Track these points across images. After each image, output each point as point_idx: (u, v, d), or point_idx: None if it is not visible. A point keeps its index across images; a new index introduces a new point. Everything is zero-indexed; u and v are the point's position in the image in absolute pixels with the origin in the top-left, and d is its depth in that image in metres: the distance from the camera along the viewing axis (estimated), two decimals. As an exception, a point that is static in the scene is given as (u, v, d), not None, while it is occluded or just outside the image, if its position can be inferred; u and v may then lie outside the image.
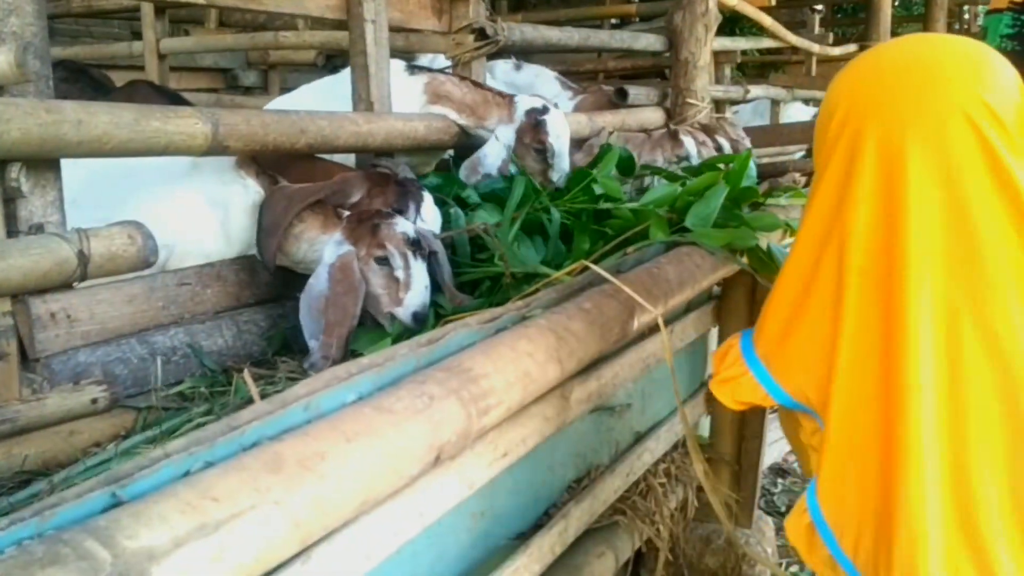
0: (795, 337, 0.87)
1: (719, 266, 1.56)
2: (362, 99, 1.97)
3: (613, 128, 2.80)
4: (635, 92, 3.45)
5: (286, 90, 3.55)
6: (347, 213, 1.55)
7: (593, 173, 1.98)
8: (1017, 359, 0.77)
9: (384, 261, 1.50)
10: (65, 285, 1.27)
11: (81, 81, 2.16)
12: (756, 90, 4.88)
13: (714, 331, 1.91)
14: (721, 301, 1.88)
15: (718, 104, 4.36)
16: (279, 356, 1.56)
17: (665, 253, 1.50)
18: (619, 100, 3.36)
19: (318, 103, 1.92)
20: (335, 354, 1.40)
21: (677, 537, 1.66)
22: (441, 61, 2.63)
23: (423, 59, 3.31)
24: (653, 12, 5.07)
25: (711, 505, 1.25)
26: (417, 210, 1.62)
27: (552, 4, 8.78)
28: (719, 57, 4.78)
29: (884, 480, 0.79)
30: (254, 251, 1.64)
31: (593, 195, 1.89)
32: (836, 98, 0.85)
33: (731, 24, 5.56)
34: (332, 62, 4.36)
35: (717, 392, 0.98)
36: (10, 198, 1.27)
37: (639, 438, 1.62)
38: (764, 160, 3.46)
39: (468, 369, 0.86)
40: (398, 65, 2.13)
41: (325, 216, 1.56)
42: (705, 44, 3.57)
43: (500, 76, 3.41)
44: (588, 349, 1.07)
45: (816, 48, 6.14)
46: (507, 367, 0.91)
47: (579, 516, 1.29)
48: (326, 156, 1.99)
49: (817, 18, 7.62)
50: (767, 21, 4.99)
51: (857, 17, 9.34)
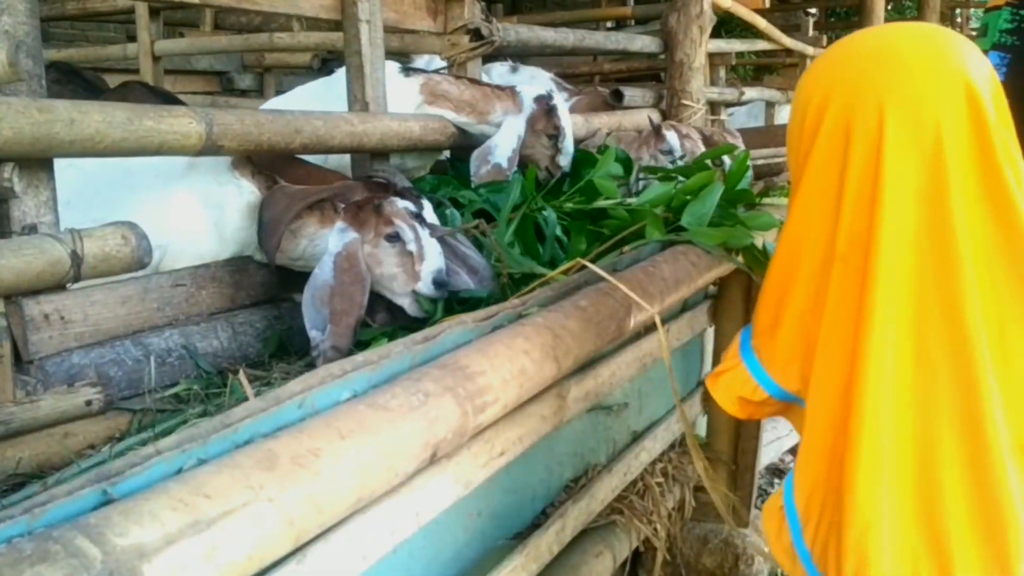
0: (783, 327, 0.87)
1: (715, 265, 1.55)
2: (357, 99, 1.97)
3: (609, 129, 2.80)
4: (631, 93, 3.45)
5: (282, 93, 3.55)
6: (343, 205, 1.54)
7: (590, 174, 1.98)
8: (977, 353, 0.75)
9: (395, 237, 1.49)
10: (59, 286, 1.26)
11: (74, 83, 2.15)
12: (751, 92, 4.90)
13: (710, 330, 1.91)
14: (717, 300, 1.88)
15: (713, 106, 4.37)
16: (275, 358, 1.55)
17: (661, 252, 1.50)
18: (615, 101, 3.36)
19: (312, 104, 1.92)
20: (344, 344, 1.39)
21: (675, 537, 1.65)
22: (439, 63, 2.63)
23: (420, 61, 3.31)
24: (648, 15, 5.09)
25: (708, 505, 1.24)
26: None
27: (548, 7, 8.81)
28: (714, 59, 4.79)
29: (837, 470, 0.79)
30: (250, 252, 1.64)
31: (589, 195, 1.89)
32: (810, 89, 0.83)
33: (723, 27, 5.57)
34: (328, 65, 4.35)
35: (712, 388, 0.97)
36: (3, 198, 1.26)
37: (636, 437, 1.61)
38: (759, 161, 3.47)
39: (464, 366, 0.86)
40: (392, 67, 2.12)
41: (323, 212, 1.56)
42: (700, 46, 3.58)
43: (496, 78, 3.42)
44: (584, 347, 1.06)
45: (810, 50, 6.16)
46: (503, 365, 0.90)
47: (576, 516, 1.28)
48: (316, 161, 1.99)
49: (811, 21, 7.65)
50: (761, 24, 5.01)
51: (850, 20, 9.36)
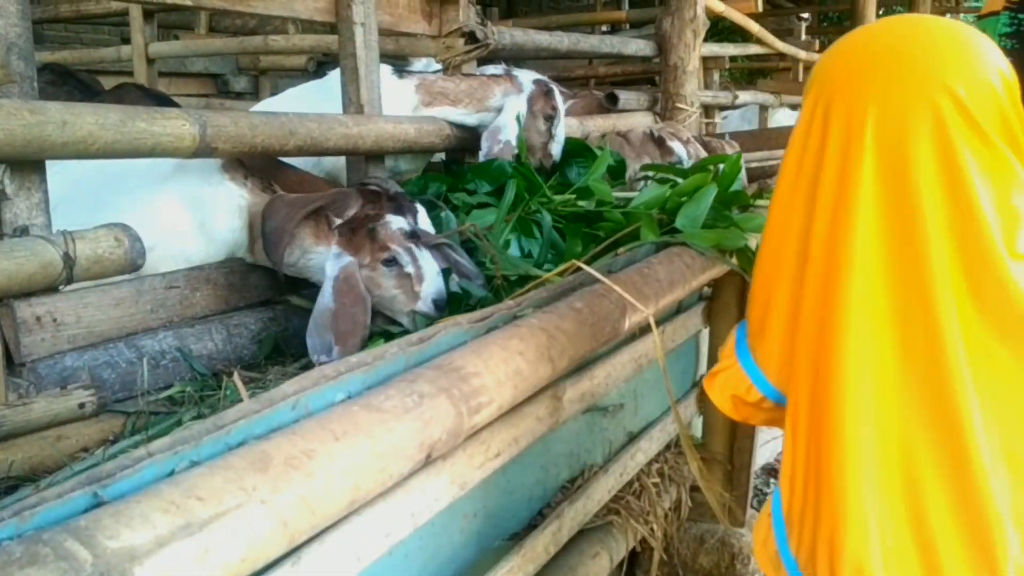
0: (771, 327, 0.85)
1: (709, 266, 1.56)
2: (352, 102, 1.96)
3: (601, 132, 2.81)
4: (625, 97, 3.46)
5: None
6: (338, 222, 1.54)
7: (584, 177, 1.98)
8: (951, 356, 0.73)
9: (392, 262, 1.50)
10: (51, 288, 1.26)
11: (69, 84, 2.14)
12: (744, 95, 4.92)
13: (705, 331, 1.91)
14: (712, 302, 1.88)
15: (707, 109, 4.38)
16: (270, 360, 1.55)
17: (656, 254, 1.50)
18: (609, 104, 3.37)
19: (304, 106, 1.91)
20: None
21: (671, 537, 1.65)
22: (437, 66, 2.63)
23: (419, 64, 3.30)
24: (643, 19, 5.10)
25: (705, 505, 1.24)
26: (412, 223, 1.62)
27: (543, 10, 8.83)
28: (708, 63, 4.81)
29: (818, 475, 0.77)
30: (241, 254, 1.63)
31: (584, 198, 1.90)
32: (811, 77, 0.82)
33: (717, 31, 5.59)
34: (323, 68, 4.34)
35: (708, 388, 0.96)
36: (-5, 200, 1.26)
37: (632, 438, 1.61)
38: (753, 164, 3.49)
39: (459, 368, 0.86)
40: (385, 70, 2.12)
41: (317, 223, 1.56)
42: (694, 50, 3.60)
43: (491, 81, 3.41)
44: (579, 348, 1.06)
45: (802, 54, 6.20)
46: (498, 366, 0.90)
47: (573, 516, 1.28)
48: (312, 163, 1.99)
49: (803, 26, 7.69)
50: (754, 28, 5.03)
51: (842, 25, 9.43)
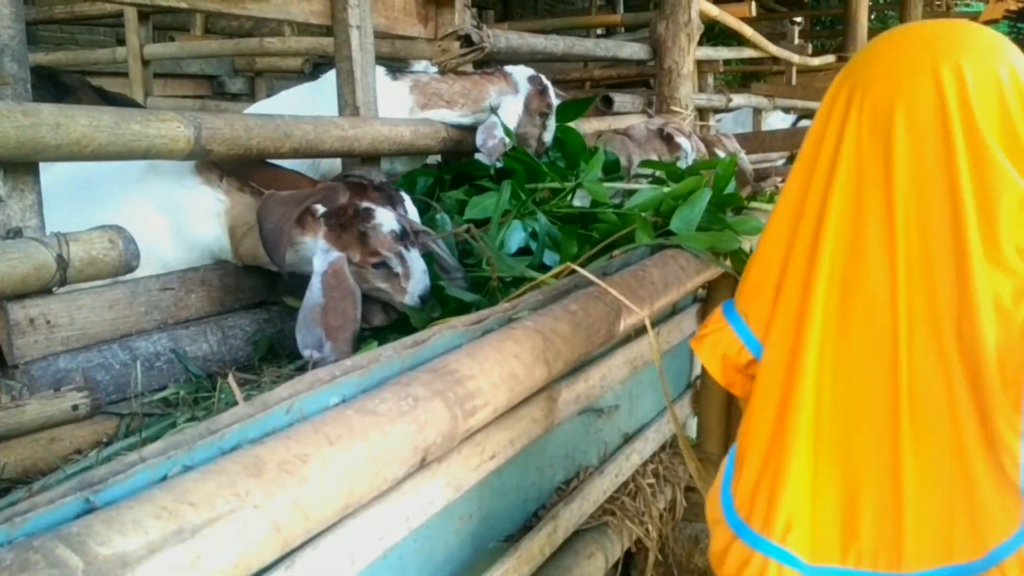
0: (767, 286, 0.89)
1: (703, 269, 1.56)
2: (348, 104, 1.96)
3: (596, 133, 2.81)
4: (620, 99, 3.47)
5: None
6: (322, 210, 1.53)
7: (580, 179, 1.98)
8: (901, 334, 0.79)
9: (382, 265, 1.52)
10: (44, 290, 1.25)
11: (45, 88, 2.11)
12: (738, 99, 4.93)
13: (700, 334, 1.91)
14: (706, 304, 1.88)
15: (701, 112, 4.39)
16: (265, 361, 1.54)
17: (651, 256, 1.50)
18: (605, 107, 3.38)
19: (298, 108, 1.91)
20: (345, 355, 1.38)
21: (666, 537, 1.65)
22: (435, 69, 2.63)
23: (417, 67, 3.30)
24: (637, 22, 5.12)
25: (699, 505, 1.24)
26: (400, 215, 1.62)
27: (538, 14, 8.84)
28: (702, 66, 4.82)
29: (779, 426, 0.83)
30: (226, 257, 1.61)
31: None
32: (842, 71, 0.87)
33: (711, 35, 5.61)
34: (319, 70, 4.34)
35: (697, 348, 0.98)
36: (-12, 202, 1.25)
37: (627, 439, 1.61)
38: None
39: (454, 371, 0.86)
40: (379, 71, 2.12)
41: (302, 217, 1.55)
42: (688, 53, 3.61)
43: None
44: (575, 350, 1.06)
45: (796, 58, 6.23)
46: (493, 368, 0.90)
47: (568, 517, 1.28)
48: (306, 165, 1.98)
49: (796, 30, 7.74)
50: (748, 32, 5.04)
51: (835, 30, 9.48)
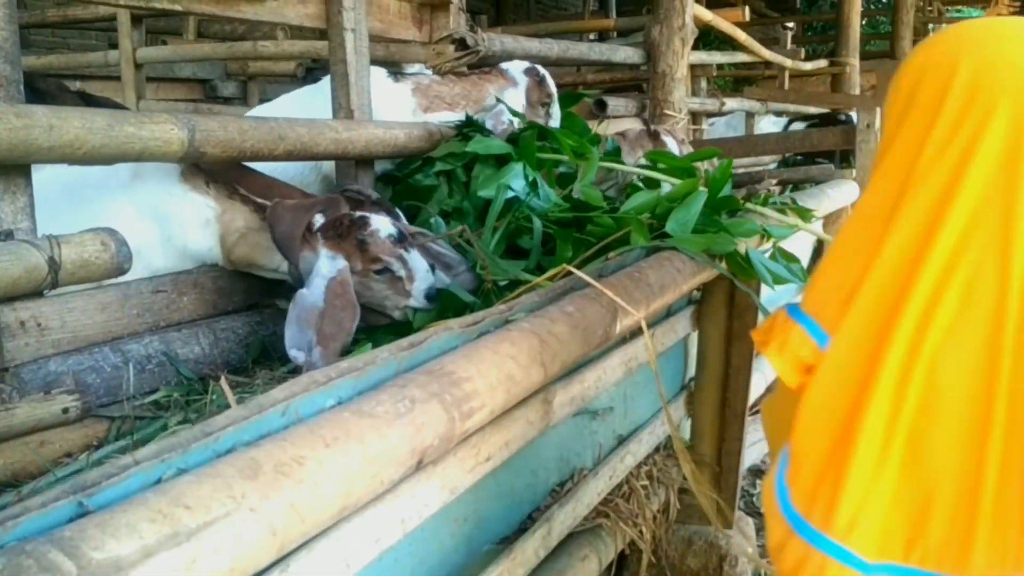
0: (856, 294, 0.82)
1: (699, 271, 1.56)
2: (342, 107, 1.96)
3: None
4: (614, 103, 3.49)
5: (265, 101, 3.53)
6: (320, 222, 1.53)
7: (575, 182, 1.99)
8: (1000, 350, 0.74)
9: (384, 271, 1.52)
10: (36, 293, 1.24)
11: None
12: (731, 102, 4.96)
13: (694, 335, 1.91)
14: (700, 306, 1.89)
15: (694, 116, 4.41)
16: (257, 364, 1.54)
17: (646, 258, 1.50)
18: (598, 111, 3.39)
19: (298, 112, 1.91)
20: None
21: (659, 539, 1.65)
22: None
23: (410, 70, 3.31)
24: (631, 27, 5.15)
25: (693, 507, 1.24)
26: (396, 221, 1.63)
27: (531, 18, 8.87)
28: (695, 70, 4.85)
29: (851, 417, 0.77)
30: (217, 261, 1.61)
31: (574, 203, 1.90)
32: (952, 61, 0.80)
33: (704, 39, 5.65)
34: (313, 74, 4.34)
35: (764, 351, 0.90)
36: (-22, 204, 1.24)
37: (621, 441, 1.61)
38: (740, 170, 3.53)
39: (450, 372, 0.85)
40: (380, 73, 2.11)
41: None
42: (682, 57, 3.63)
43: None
44: (571, 352, 1.06)
45: (789, 63, 6.28)
46: (490, 370, 0.89)
47: (562, 520, 1.28)
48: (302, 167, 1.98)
49: (789, 35, 7.80)
50: (741, 36, 5.08)
51: (827, 35, 9.55)
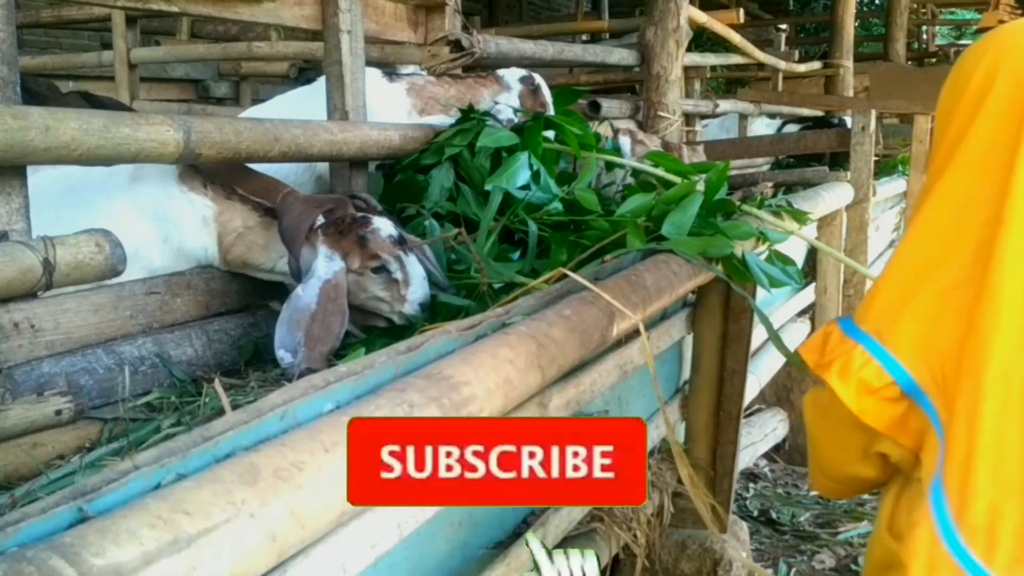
0: (917, 306, 0.79)
1: (695, 274, 1.56)
2: (337, 108, 1.96)
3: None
4: (607, 104, 3.50)
5: (257, 102, 3.52)
6: (321, 220, 1.53)
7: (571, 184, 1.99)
8: None
9: (381, 270, 1.52)
10: (30, 294, 1.24)
11: None
12: (725, 104, 4.98)
13: (689, 338, 1.92)
14: (696, 309, 1.89)
15: (688, 117, 4.43)
16: (250, 365, 1.53)
17: (643, 261, 1.51)
18: (592, 112, 3.40)
19: (292, 113, 1.90)
20: (318, 369, 1.38)
21: (653, 543, 1.65)
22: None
23: (404, 71, 3.31)
24: (624, 28, 5.17)
25: (687, 511, 1.24)
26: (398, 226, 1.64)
27: (524, 19, 8.88)
28: (689, 72, 4.87)
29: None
30: (211, 264, 1.61)
31: (570, 205, 1.90)
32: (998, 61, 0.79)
33: (698, 41, 5.68)
34: (305, 75, 4.33)
35: (825, 375, 0.84)
36: (-29, 205, 1.23)
37: (617, 446, 1.61)
38: (733, 172, 3.54)
39: (448, 376, 0.85)
40: (375, 73, 2.11)
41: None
42: (676, 59, 3.65)
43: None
44: (569, 356, 1.06)
45: (783, 65, 6.32)
46: (488, 374, 0.89)
47: (557, 524, 1.28)
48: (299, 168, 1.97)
49: (782, 37, 7.85)
50: (735, 38, 5.10)
51: (820, 37, 9.63)
